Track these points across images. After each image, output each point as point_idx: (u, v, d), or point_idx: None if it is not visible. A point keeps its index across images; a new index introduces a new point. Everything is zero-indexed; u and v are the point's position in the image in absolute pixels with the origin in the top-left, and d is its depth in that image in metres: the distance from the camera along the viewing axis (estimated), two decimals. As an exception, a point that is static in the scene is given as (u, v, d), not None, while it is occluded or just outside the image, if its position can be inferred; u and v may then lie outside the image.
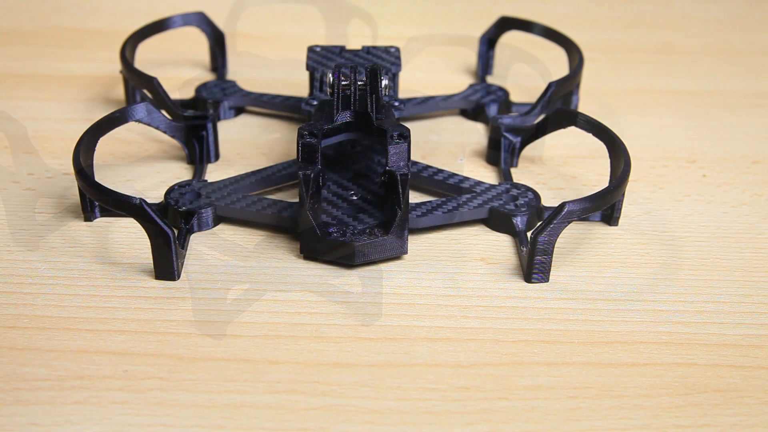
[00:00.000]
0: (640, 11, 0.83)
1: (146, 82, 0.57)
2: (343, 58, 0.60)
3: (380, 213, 0.50)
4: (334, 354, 0.42)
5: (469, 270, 0.47)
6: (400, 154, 0.46)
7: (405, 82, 0.65)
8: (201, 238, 0.49)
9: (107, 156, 0.56)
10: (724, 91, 0.68)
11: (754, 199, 0.54)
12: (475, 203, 0.50)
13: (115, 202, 0.45)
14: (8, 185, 0.53)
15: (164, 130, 0.54)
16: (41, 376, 0.40)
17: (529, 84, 0.67)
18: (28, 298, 0.44)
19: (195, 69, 0.69)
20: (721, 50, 0.75)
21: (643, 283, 0.47)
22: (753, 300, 0.46)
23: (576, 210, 0.45)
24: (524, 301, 0.45)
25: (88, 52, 0.71)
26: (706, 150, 0.59)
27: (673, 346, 0.42)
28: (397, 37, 0.74)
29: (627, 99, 0.66)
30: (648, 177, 0.56)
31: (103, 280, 0.46)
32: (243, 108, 0.63)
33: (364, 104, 0.49)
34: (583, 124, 0.52)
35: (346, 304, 0.45)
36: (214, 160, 0.57)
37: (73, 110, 0.63)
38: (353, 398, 0.39)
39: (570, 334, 0.43)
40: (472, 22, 0.78)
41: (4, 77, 0.67)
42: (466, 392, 0.40)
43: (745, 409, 0.39)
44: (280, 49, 0.73)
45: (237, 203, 0.50)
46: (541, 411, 0.39)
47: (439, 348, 0.42)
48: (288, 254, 0.48)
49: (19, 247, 0.48)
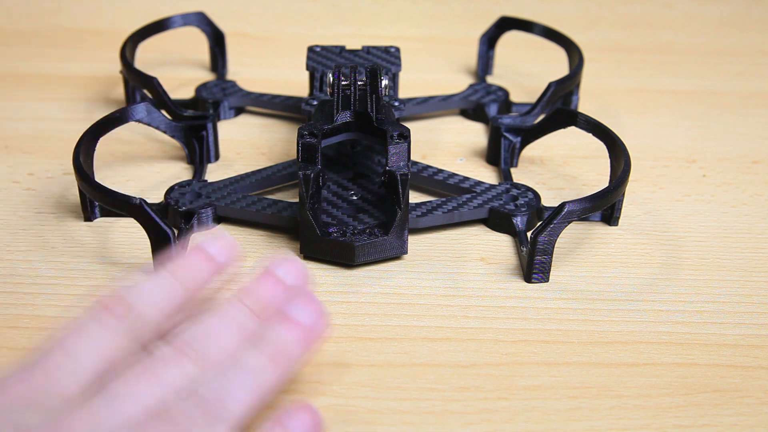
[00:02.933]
0: (640, 11, 0.83)
1: (146, 82, 0.57)
2: (343, 58, 0.60)
3: (380, 213, 0.50)
4: (334, 354, 0.42)
5: (469, 270, 0.47)
6: (400, 154, 0.46)
7: (405, 82, 0.65)
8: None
9: (107, 156, 0.56)
10: (724, 91, 0.68)
11: (754, 199, 0.54)
12: (475, 203, 0.50)
13: (115, 202, 0.45)
14: (8, 185, 0.53)
15: (164, 130, 0.54)
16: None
17: (529, 84, 0.67)
18: (28, 298, 0.44)
19: (195, 69, 0.69)
20: (721, 50, 0.75)
21: (643, 283, 0.47)
22: (753, 300, 0.46)
23: (576, 210, 0.45)
24: (524, 301, 0.45)
25: (88, 52, 0.71)
26: (706, 150, 0.59)
27: (673, 346, 0.43)
28: (397, 37, 0.74)
29: (627, 99, 0.66)
30: (648, 177, 0.56)
31: (103, 280, 0.46)
32: (243, 108, 0.63)
33: (364, 104, 0.49)
34: (583, 124, 0.52)
35: (346, 304, 0.45)
36: (214, 160, 0.57)
37: (73, 110, 0.63)
38: (353, 398, 0.39)
39: (570, 334, 0.43)
40: (472, 22, 0.78)
41: (4, 77, 0.67)
42: (466, 392, 0.40)
43: (745, 409, 0.39)
44: (280, 49, 0.73)
45: (237, 203, 0.50)
46: (541, 411, 0.39)
47: (439, 348, 0.42)
48: (288, 254, 0.48)
49: (19, 247, 0.48)
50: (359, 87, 0.51)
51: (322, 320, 0.35)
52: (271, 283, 0.36)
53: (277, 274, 0.37)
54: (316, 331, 0.35)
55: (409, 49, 0.69)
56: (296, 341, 0.34)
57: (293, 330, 0.34)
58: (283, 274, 0.37)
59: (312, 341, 0.35)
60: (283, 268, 0.37)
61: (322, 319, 0.35)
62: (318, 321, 0.35)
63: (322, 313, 0.35)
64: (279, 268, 0.37)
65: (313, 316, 0.35)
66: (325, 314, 0.35)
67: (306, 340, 0.34)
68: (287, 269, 0.37)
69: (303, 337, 0.34)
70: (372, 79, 0.51)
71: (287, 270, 0.37)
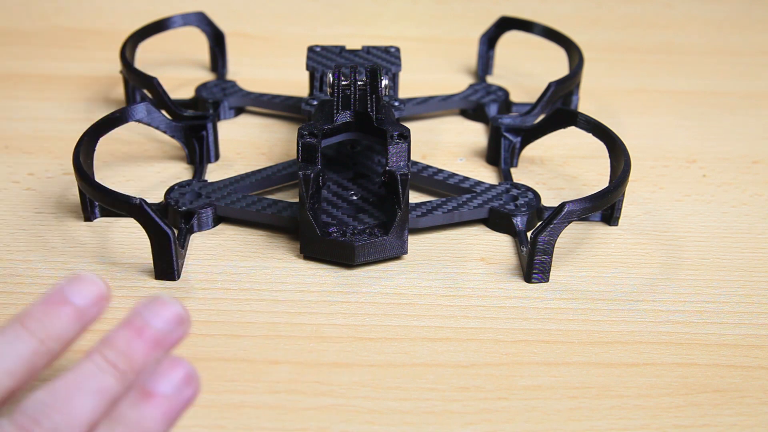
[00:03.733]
0: (640, 11, 0.83)
1: (146, 82, 0.57)
2: (343, 58, 0.60)
3: (380, 213, 0.50)
4: (334, 354, 0.42)
5: (469, 270, 0.47)
6: (400, 154, 0.46)
7: (405, 82, 0.65)
8: (201, 238, 0.49)
9: (107, 156, 0.56)
10: (724, 91, 0.68)
11: (754, 199, 0.54)
12: (475, 203, 0.50)
13: (115, 202, 0.45)
14: (8, 185, 0.53)
15: (164, 130, 0.54)
16: (41, 376, 0.40)
17: (529, 84, 0.67)
18: (28, 298, 0.44)
19: (195, 69, 0.69)
20: (721, 50, 0.75)
21: (643, 283, 0.47)
22: (753, 300, 0.46)
23: (576, 210, 0.45)
24: (524, 301, 0.45)
25: (88, 52, 0.71)
26: (706, 150, 0.59)
27: (673, 346, 0.43)
28: (397, 37, 0.74)
29: (627, 99, 0.66)
30: (648, 177, 0.56)
31: (103, 280, 0.45)
32: (243, 108, 0.63)
33: (364, 104, 0.49)
34: (583, 124, 0.52)
35: (346, 304, 0.45)
36: (214, 160, 0.57)
37: (73, 110, 0.63)
38: (353, 398, 0.39)
39: (570, 334, 0.43)
40: (472, 22, 0.78)
41: (4, 77, 0.67)
42: (466, 392, 0.40)
43: (745, 409, 0.39)
44: (280, 49, 0.73)
45: (237, 203, 0.50)
46: (541, 411, 0.39)
47: (439, 348, 0.42)
48: (288, 254, 0.48)
49: (19, 247, 0.48)
50: (359, 87, 0.51)
51: (190, 388, 0.31)
52: (137, 330, 0.32)
53: (144, 319, 0.32)
54: (182, 401, 0.31)
55: (409, 49, 0.69)
56: (158, 418, 0.30)
57: (155, 407, 0.30)
58: (152, 318, 0.32)
59: (177, 413, 0.31)
60: (152, 311, 0.32)
61: (189, 387, 0.31)
62: (184, 390, 0.31)
63: (189, 378, 0.31)
64: (146, 312, 0.32)
65: (179, 385, 0.31)
66: (193, 378, 0.31)
67: (170, 413, 0.30)
68: (156, 312, 0.32)
69: (166, 412, 0.30)
70: (372, 79, 0.51)
71: (156, 313, 0.32)
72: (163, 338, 0.32)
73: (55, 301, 0.32)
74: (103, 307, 0.33)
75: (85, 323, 0.33)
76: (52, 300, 0.32)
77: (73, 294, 0.33)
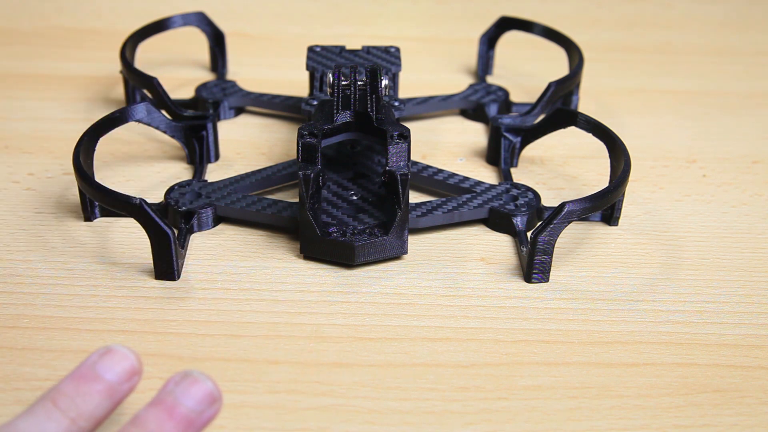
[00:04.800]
0: (640, 11, 0.83)
1: (146, 82, 0.57)
2: (343, 58, 0.60)
3: (380, 213, 0.50)
4: (334, 354, 0.42)
5: (469, 270, 0.47)
6: (400, 154, 0.46)
7: (405, 82, 0.65)
8: (201, 238, 0.49)
9: (107, 156, 0.56)
10: (724, 91, 0.68)
11: (754, 199, 0.54)
12: (475, 203, 0.50)
13: (115, 202, 0.45)
14: (8, 185, 0.53)
15: (164, 130, 0.54)
16: (41, 376, 0.40)
17: (529, 84, 0.67)
18: (28, 298, 0.44)
19: (195, 69, 0.69)
20: (721, 50, 0.75)
21: (643, 283, 0.47)
22: (753, 300, 0.46)
23: (576, 210, 0.45)
24: (524, 301, 0.45)
25: (88, 52, 0.71)
26: (706, 150, 0.59)
27: (673, 346, 0.43)
28: (397, 37, 0.74)
29: (627, 99, 0.66)
30: (648, 177, 0.56)
31: (103, 280, 0.46)
32: (243, 108, 0.63)
33: (364, 104, 0.49)
34: (583, 124, 0.52)
35: (346, 304, 0.45)
36: (214, 160, 0.57)
37: (73, 110, 0.63)
38: (353, 398, 0.39)
39: (570, 334, 0.43)
40: (472, 22, 0.78)
41: (4, 77, 0.67)
42: (466, 392, 0.40)
43: (745, 409, 0.39)
44: (280, 49, 0.73)
45: (237, 203, 0.50)
46: (541, 411, 0.39)
47: (439, 348, 0.42)
48: (288, 254, 0.48)
49: (19, 247, 0.48)
50: (359, 87, 0.51)
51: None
52: (168, 409, 0.31)
53: (176, 397, 0.32)
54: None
55: (409, 49, 0.69)
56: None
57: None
58: (183, 397, 0.32)
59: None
60: (183, 389, 0.32)
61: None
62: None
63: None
64: (178, 390, 0.32)
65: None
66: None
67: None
68: (187, 390, 0.32)
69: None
70: (372, 79, 0.51)
71: (187, 391, 0.32)
72: (194, 418, 0.32)
73: (86, 377, 0.32)
74: (135, 383, 0.33)
75: (116, 400, 0.32)
76: (83, 376, 0.32)
77: (105, 370, 0.32)
